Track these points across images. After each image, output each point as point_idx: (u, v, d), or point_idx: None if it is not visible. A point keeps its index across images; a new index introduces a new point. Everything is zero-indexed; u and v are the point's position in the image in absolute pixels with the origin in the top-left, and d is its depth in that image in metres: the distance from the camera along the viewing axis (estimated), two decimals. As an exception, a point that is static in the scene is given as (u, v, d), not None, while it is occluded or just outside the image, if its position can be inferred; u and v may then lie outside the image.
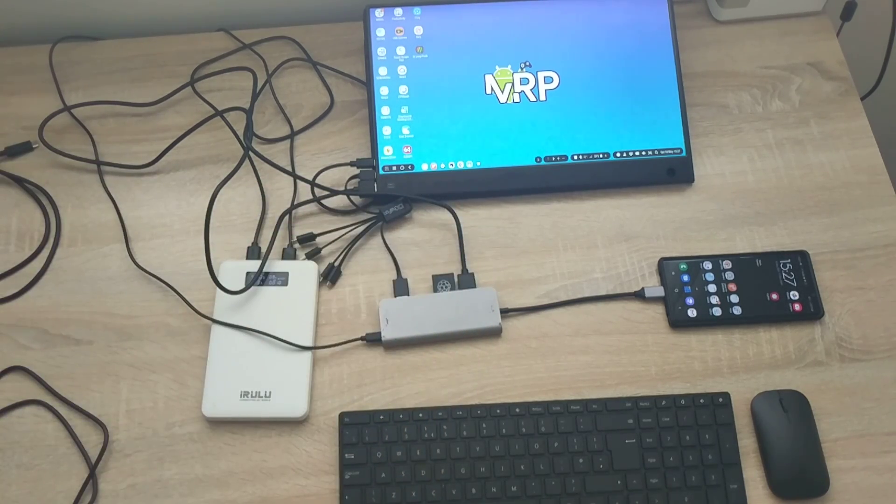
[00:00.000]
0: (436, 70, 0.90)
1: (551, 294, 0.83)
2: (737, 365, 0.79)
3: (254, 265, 0.82)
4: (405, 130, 0.88)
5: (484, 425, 0.75)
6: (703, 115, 0.93)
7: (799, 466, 0.74)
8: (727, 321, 0.81)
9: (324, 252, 0.85)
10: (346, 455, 0.74)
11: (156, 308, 0.82)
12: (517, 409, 0.76)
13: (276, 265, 0.82)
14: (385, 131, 0.88)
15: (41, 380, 0.78)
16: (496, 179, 0.87)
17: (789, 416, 0.76)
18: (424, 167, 0.88)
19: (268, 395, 0.76)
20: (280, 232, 0.85)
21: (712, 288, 0.82)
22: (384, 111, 0.89)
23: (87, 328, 0.81)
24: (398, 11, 0.91)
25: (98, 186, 0.89)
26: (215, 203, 0.87)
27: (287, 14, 1.00)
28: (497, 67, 0.90)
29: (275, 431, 0.77)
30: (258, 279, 0.81)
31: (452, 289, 0.82)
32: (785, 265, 0.83)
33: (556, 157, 0.88)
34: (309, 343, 0.79)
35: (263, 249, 0.83)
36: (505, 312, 0.81)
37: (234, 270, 0.82)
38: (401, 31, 0.91)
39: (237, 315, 0.80)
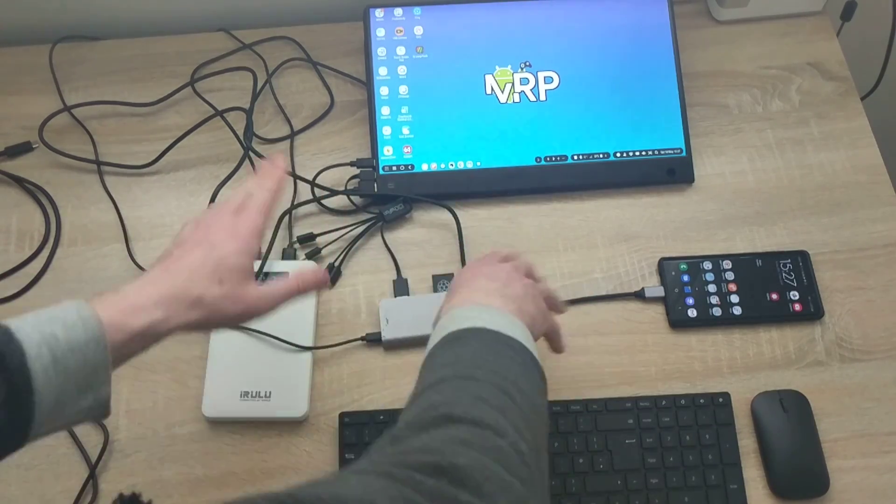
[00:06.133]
0: (436, 70, 0.90)
1: (551, 294, 0.83)
2: (737, 365, 0.79)
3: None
4: (405, 130, 0.88)
5: (484, 425, 0.75)
6: (703, 115, 0.93)
7: (799, 466, 0.74)
8: (727, 321, 0.81)
9: (324, 252, 0.85)
10: (346, 455, 0.74)
11: (156, 308, 0.82)
12: (517, 409, 0.76)
13: (276, 265, 0.82)
14: (385, 131, 0.88)
15: (41, 380, 0.78)
16: (496, 179, 0.87)
17: (789, 416, 0.76)
18: (424, 167, 0.87)
19: (268, 395, 0.76)
20: (280, 232, 0.85)
21: (712, 288, 0.82)
22: (384, 111, 0.89)
23: (87, 328, 0.81)
24: (398, 11, 0.91)
25: (98, 186, 0.89)
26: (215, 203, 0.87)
27: (287, 14, 1.00)
28: (497, 67, 0.90)
29: (275, 431, 0.77)
30: (258, 279, 0.81)
31: (452, 289, 0.82)
32: (785, 265, 0.83)
33: (555, 157, 0.88)
34: (309, 343, 0.79)
35: (263, 249, 0.83)
36: (505, 312, 0.81)
37: (234, 270, 0.82)
38: (401, 31, 0.91)
39: (237, 315, 0.80)
